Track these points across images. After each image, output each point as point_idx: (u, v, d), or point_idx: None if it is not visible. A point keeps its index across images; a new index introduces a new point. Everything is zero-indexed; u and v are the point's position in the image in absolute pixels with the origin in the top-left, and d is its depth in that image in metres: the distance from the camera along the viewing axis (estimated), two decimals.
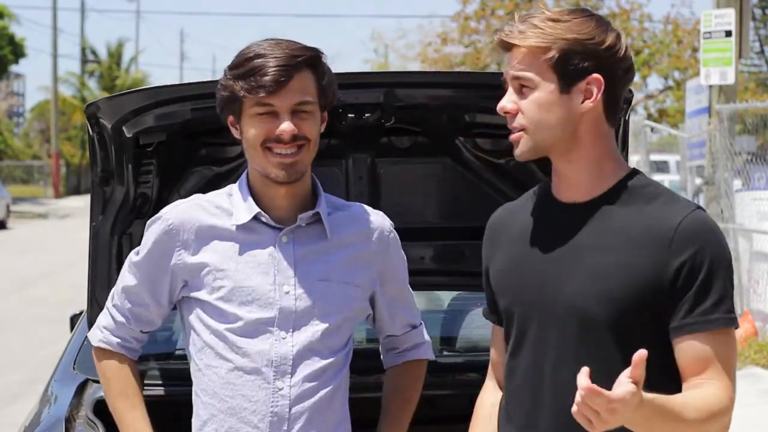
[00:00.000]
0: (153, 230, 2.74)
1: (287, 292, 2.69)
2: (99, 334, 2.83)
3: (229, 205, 2.73)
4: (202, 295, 2.70)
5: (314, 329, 2.70)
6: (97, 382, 3.38)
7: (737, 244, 10.87)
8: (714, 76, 11.74)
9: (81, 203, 38.39)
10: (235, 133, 2.70)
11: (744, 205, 10.94)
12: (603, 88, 2.27)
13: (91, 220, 3.40)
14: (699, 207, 2.30)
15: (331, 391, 2.73)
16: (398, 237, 2.89)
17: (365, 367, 4.07)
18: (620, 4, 27.94)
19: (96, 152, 3.33)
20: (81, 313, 4.23)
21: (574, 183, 2.35)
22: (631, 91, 3.30)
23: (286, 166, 2.64)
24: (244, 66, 2.60)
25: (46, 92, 55.37)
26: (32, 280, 16.58)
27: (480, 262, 2.57)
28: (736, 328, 2.27)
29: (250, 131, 2.63)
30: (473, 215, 3.75)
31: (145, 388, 3.19)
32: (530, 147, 2.32)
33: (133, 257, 2.79)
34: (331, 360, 2.72)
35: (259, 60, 2.59)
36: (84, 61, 57.14)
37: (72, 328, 4.53)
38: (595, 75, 2.27)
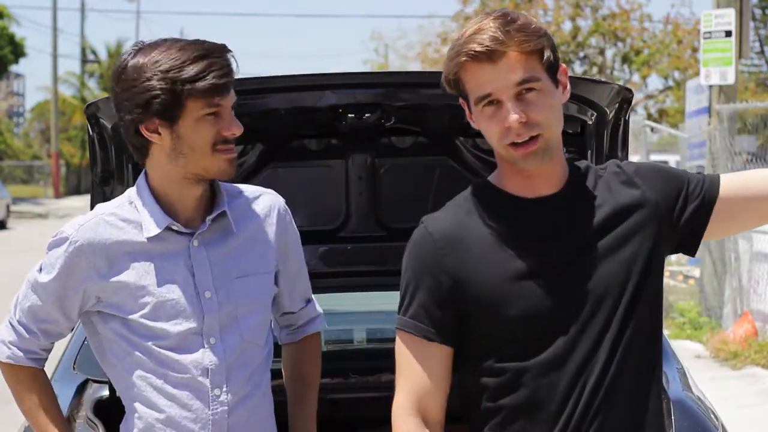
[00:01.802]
0: (59, 252, 2.61)
1: (209, 298, 2.63)
2: (5, 350, 2.72)
3: (136, 215, 2.63)
4: (122, 313, 2.62)
5: (241, 330, 2.66)
6: (98, 382, 3.38)
7: (737, 245, 10.87)
8: (714, 76, 11.74)
9: (81, 203, 38.37)
10: (154, 139, 2.55)
11: None
12: None
13: None
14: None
15: (264, 387, 2.71)
16: (290, 211, 2.83)
17: (365, 367, 4.08)
18: (620, 4, 27.93)
19: (96, 152, 3.33)
20: None
21: (548, 177, 2.36)
22: (631, 91, 3.30)
23: (232, 162, 2.60)
24: (189, 67, 2.50)
25: (46, 92, 55.38)
26: None
27: None
28: None
29: (196, 134, 2.53)
30: None
31: None
32: (548, 151, 2.32)
33: (38, 277, 2.65)
34: (260, 355, 2.70)
35: (205, 61, 2.51)
36: (84, 61, 57.13)
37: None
38: (562, 65, 2.36)
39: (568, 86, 2.37)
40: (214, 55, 2.53)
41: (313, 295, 2.97)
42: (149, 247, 2.62)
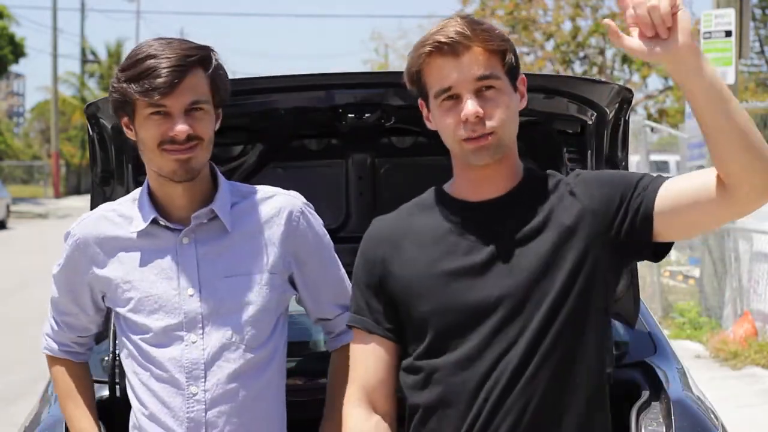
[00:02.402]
0: (66, 246, 2.80)
1: (191, 295, 2.65)
2: (43, 341, 2.93)
3: (132, 211, 2.73)
4: (117, 308, 2.74)
5: (225, 328, 2.66)
6: (98, 382, 3.38)
7: (737, 244, 10.87)
8: None
9: (81, 203, 38.38)
10: (129, 134, 2.67)
11: None
12: None
13: None
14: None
15: (257, 390, 2.69)
16: (317, 217, 2.84)
17: None
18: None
19: (96, 152, 3.33)
20: None
21: (495, 182, 2.39)
22: (631, 91, 3.30)
23: (182, 163, 2.59)
24: (135, 68, 2.56)
25: (46, 92, 55.38)
26: (32, 280, 16.57)
27: None
28: None
29: (145, 133, 2.60)
30: None
31: None
32: (500, 149, 2.36)
33: (53, 270, 2.85)
34: (251, 357, 2.68)
35: (151, 61, 2.55)
36: (84, 61, 57.12)
37: None
38: (522, 75, 2.41)
39: (526, 96, 2.43)
40: (163, 56, 2.54)
41: None
42: (139, 243, 2.68)
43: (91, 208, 3.40)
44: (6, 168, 52.73)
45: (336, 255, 2.89)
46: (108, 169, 3.37)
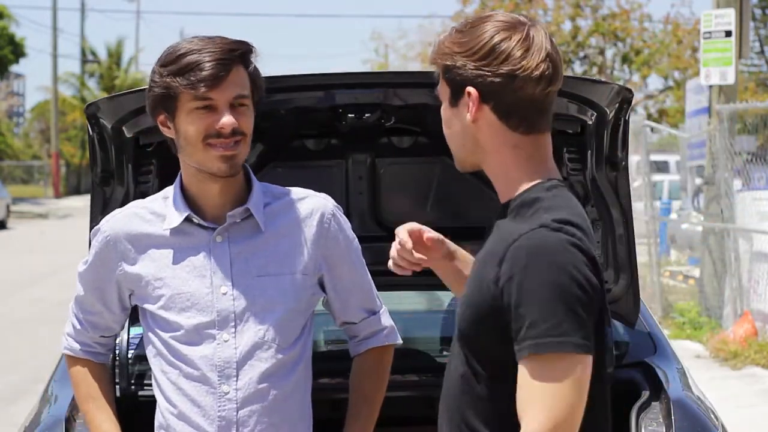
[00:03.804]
0: (94, 242, 2.75)
1: (224, 293, 2.64)
2: (64, 341, 2.88)
3: (164, 209, 2.70)
4: (146, 305, 2.71)
5: (258, 328, 2.65)
6: None
7: (737, 244, 10.87)
8: (714, 76, 11.74)
9: (81, 203, 38.39)
10: (167, 132, 2.64)
11: (744, 205, 10.94)
12: (479, 100, 2.18)
13: (91, 220, 3.40)
14: (543, 225, 2.11)
15: (287, 390, 2.69)
16: (346, 220, 2.83)
17: None
18: (620, 4, 27.95)
19: (96, 152, 3.33)
20: None
21: (496, 187, 2.31)
22: (631, 91, 3.30)
23: (228, 159, 2.59)
24: (179, 62, 2.55)
25: (46, 92, 55.40)
26: (32, 280, 16.58)
27: None
28: (566, 351, 2.03)
29: (188, 127, 2.58)
30: (473, 215, 3.75)
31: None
32: (454, 158, 2.33)
33: (80, 267, 2.80)
34: (281, 357, 2.67)
35: (195, 55, 2.54)
36: (84, 61, 57.14)
37: None
38: (468, 88, 2.19)
39: (471, 110, 2.21)
40: (208, 49, 2.55)
41: (385, 308, 2.94)
42: (171, 240, 2.67)
43: (91, 208, 3.41)
44: (6, 168, 52.74)
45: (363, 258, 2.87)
46: (108, 169, 3.36)
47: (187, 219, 2.67)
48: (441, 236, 2.57)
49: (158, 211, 2.71)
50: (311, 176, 3.79)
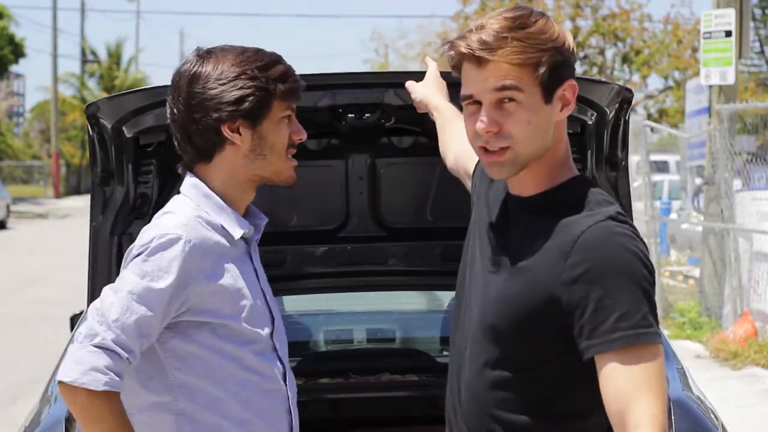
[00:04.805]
0: (173, 254, 2.43)
1: (267, 304, 2.62)
2: (101, 377, 2.37)
3: (216, 219, 2.54)
4: (219, 318, 2.49)
5: (283, 335, 2.65)
6: None
7: (737, 244, 10.87)
8: (714, 76, 11.74)
9: (81, 203, 38.40)
10: (237, 139, 2.51)
11: (744, 205, 10.94)
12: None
13: (91, 221, 3.40)
14: (611, 217, 2.13)
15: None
16: None
17: (365, 367, 4.08)
18: (620, 4, 27.95)
19: (96, 152, 3.33)
20: (81, 313, 4.23)
21: (523, 182, 2.25)
22: (631, 91, 3.30)
23: (296, 170, 2.62)
24: (275, 68, 2.53)
25: (46, 92, 55.39)
26: (32, 280, 16.57)
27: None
28: (656, 342, 2.08)
29: (277, 136, 2.55)
30: None
31: None
32: (517, 164, 2.21)
33: (152, 285, 2.42)
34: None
35: (283, 65, 2.55)
36: (84, 61, 57.13)
37: (72, 328, 4.53)
38: (570, 81, 2.21)
39: (572, 104, 2.23)
40: (283, 60, 2.57)
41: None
42: (232, 251, 2.55)
43: (91, 208, 3.41)
44: (6, 168, 52.74)
45: None
46: (108, 169, 3.36)
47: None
48: (424, 99, 2.91)
49: (212, 221, 2.53)
50: (311, 176, 3.80)
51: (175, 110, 2.56)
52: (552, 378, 2.16)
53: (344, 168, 3.77)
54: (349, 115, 3.48)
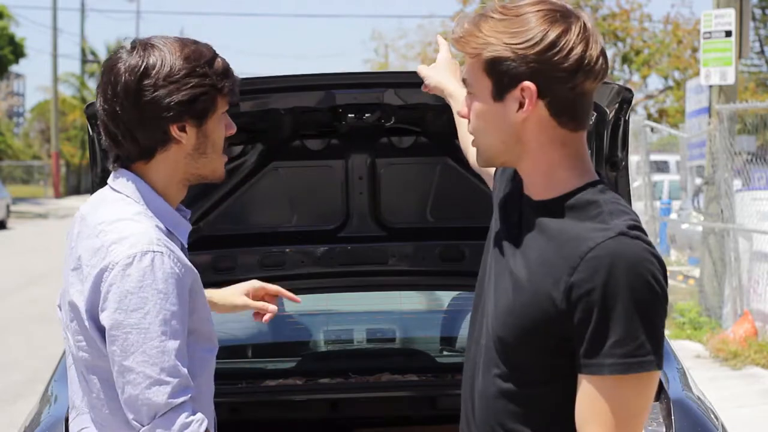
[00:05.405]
0: (161, 267, 2.29)
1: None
2: (198, 428, 2.28)
3: (162, 222, 2.41)
4: (192, 319, 2.38)
5: None
6: None
7: (737, 244, 10.87)
8: (714, 76, 11.74)
9: (81, 203, 38.22)
10: (183, 137, 2.39)
11: (744, 205, 10.95)
12: (537, 95, 2.04)
13: None
14: (622, 233, 2.01)
15: None
16: None
17: (365, 367, 4.08)
18: (620, 4, 27.95)
19: (96, 152, 3.32)
20: None
21: (526, 183, 2.18)
22: (631, 91, 3.30)
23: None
24: (216, 64, 2.41)
25: (46, 92, 55.43)
26: (32, 280, 16.58)
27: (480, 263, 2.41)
28: (649, 371, 1.99)
29: (218, 133, 2.45)
30: (473, 215, 3.75)
31: None
32: (482, 156, 2.17)
33: (170, 308, 2.28)
34: None
35: (221, 59, 2.43)
36: (84, 61, 57.15)
37: None
38: (526, 83, 2.04)
39: (528, 107, 2.05)
40: (217, 53, 2.45)
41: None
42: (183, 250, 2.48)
43: None
44: (6, 168, 52.74)
45: None
46: (108, 169, 3.36)
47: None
48: (438, 85, 2.83)
49: (160, 226, 2.41)
50: (311, 176, 3.80)
51: (117, 107, 2.38)
52: (557, 397, 2.09)
53: (344, 168, 3.77)
54: (349, 115, 3.48)
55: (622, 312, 1.98)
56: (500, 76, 2.07)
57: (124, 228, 2.34)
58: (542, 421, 2.13)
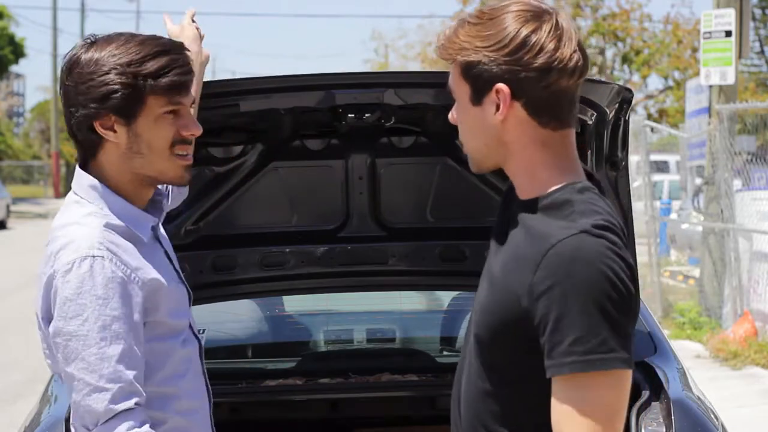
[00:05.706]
0: (100, 272, 2.28)
1: (184, 282, 2.53)
2: None
3: (119, 220, 2.38)
4: (150, 317, 2.37)
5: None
6: None
7: (737, 244, 10.87)
8: (714, 76, 11.74)
9: None
10: (111, 136, 2.36)
11: (744, 205, 10.95)
12: (511, 96, 2.05)
13: None
14: (585, 231, 1.99)
15: None
16: None
17: (365, 367, 4.08)
18: (620, 4, 27.97)
19: None
20: None
21: (516, 184, 2.17)
22: (631, 91, 3.30)
23: (188, 168, 2.44)
24: (154, 61, 2.34)
25: (46, 92, 55.47)
26: (32, 280, 16.49)
27: (480, 262, 2.36)
28: (615, 368, 1.96)
29: (155, 134, 2.37)
30: (473, 215, 3.75)
31: None
32: (473, 160, 2.18)
33: (110, 313, 2.27)
34: None
35: (166, 57, 2.36)
36: None
37: None
38: (498, 85, 2.05)
39: (502, 109, 2.06)
40: (175, 51, 2.39)
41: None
42: (141, 247, 2.42)
43: None
44: (6, 168, 52.75)
45: None
46: None
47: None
48: None
49: (116, 223, 2.38)
50: (311, 176, 3.80)
51: (61, 103, 2.42)
52: (536, 398, 2.06)
53: (344, 168, 3.77)
54: (349, 115, 3.48)
55: (581, 309, 1.95)
56: (475, 80, 2.08)
57: (70, 233, 2.34)
58: (522, 421, 2.11)
